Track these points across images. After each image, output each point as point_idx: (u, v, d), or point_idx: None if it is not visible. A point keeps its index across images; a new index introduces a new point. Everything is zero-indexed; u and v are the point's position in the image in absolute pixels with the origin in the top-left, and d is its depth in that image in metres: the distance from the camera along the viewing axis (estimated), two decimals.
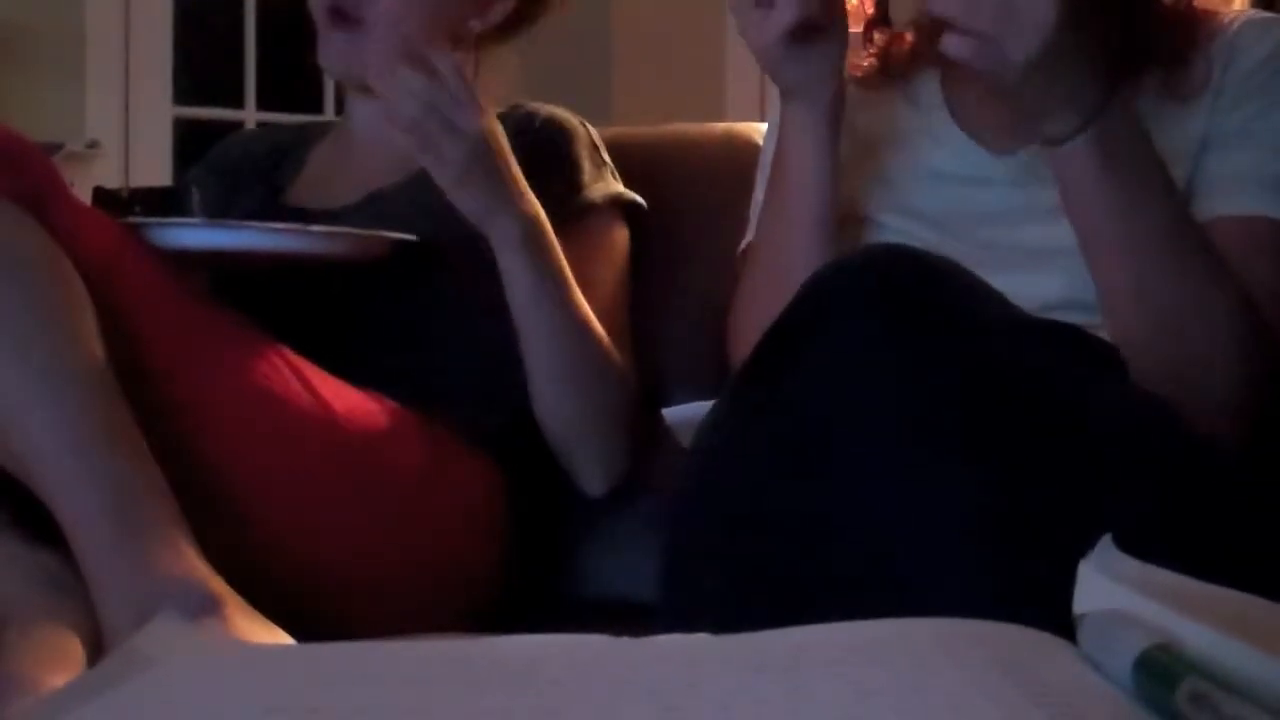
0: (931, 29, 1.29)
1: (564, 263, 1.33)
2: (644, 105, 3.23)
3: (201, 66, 3.42)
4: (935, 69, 1.30)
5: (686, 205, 1.54)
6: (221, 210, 1.49)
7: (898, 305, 0.85)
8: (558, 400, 1.36)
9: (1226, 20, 1.21)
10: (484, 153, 1.25)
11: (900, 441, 0.82)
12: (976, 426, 0.82)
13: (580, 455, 1.40)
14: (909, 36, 1.31)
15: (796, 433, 0.85)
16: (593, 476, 1.41)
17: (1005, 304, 0.92)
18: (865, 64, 1.31)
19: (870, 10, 1.32)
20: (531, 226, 1.30)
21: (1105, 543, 0.68)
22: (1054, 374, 0.87)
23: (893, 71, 1.31)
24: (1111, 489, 0.84)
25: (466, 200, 1.27)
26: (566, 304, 1.33)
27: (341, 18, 1.41)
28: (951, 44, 1.00)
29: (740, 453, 0.89)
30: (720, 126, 1.71)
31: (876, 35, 1.32)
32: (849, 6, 1.22)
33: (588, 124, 1.53)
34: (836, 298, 0.87)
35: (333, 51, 1.43)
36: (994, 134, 1.25)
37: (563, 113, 1.52)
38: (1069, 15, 0.97)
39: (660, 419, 1.24)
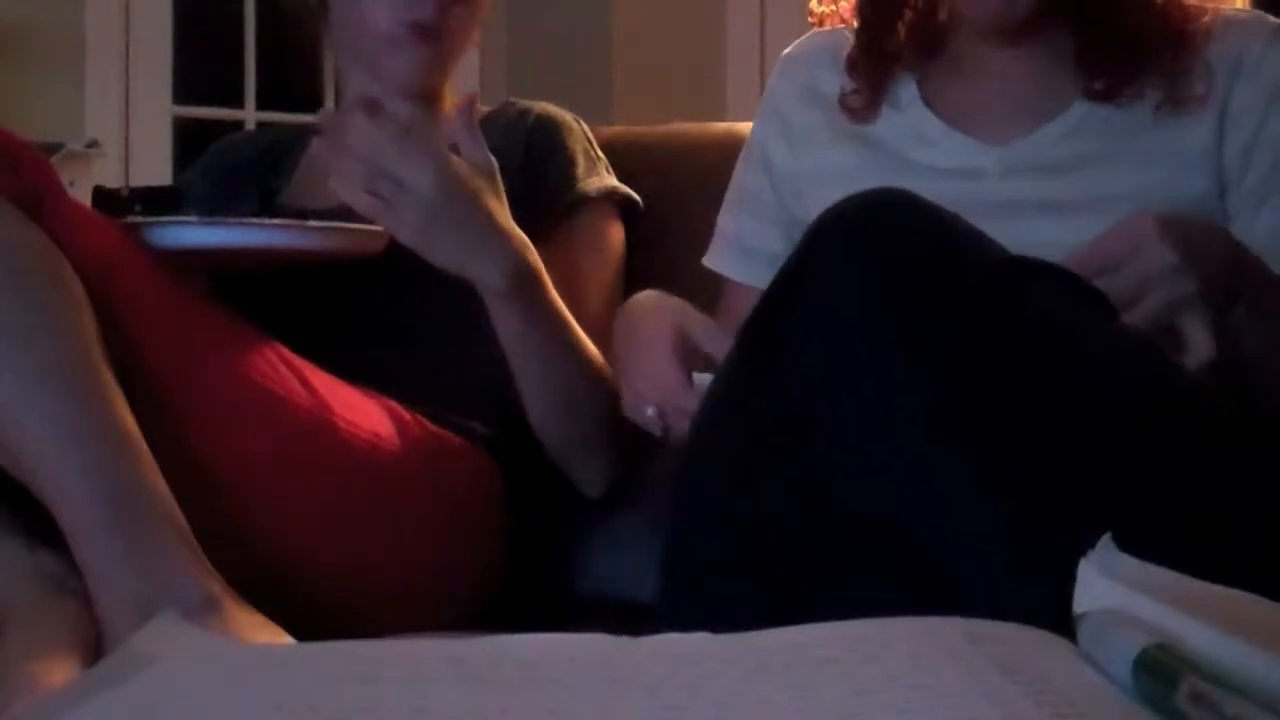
0: (908, 30, 1.29)
1: (555, 298, 1.30)
2: (645, 105, 3.22)
3: (201, 66, 3.42)
4: (912, 71, 1.30)
5: (687, 205, 1.54)
6: (217, 213, 1.48)
7: (890, 266, 0.85)
8: (553, 421, 1.35)
9: (1217, 19, 1.21)
10: (445, 204, 1.21)
11: (894, 418, 0.82)
12: (972, 397, 0.82)
13: (577, 462, 1.39)
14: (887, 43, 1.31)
15: (788, 413, 0.85)
16: (590, 480, 1.41)
17: (999, 248, 0.92)
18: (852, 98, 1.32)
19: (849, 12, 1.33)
20: (516, 273, 1.25)
21: (1105, 542, 0.68)
22: (1052, 317, 0.87)
23: (874, 81, 1.31)
24: (1112, 434, 0.84)
25: (436, 254, 1.23)
26: (557, 340, 1.31)
27: (426, 31, 1.41)
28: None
29: (733, 437, 0.89)
30: (721, 126, 1.71)
31: (863, 61, 1.31)
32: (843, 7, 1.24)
33: (581, 120, 1.53)
34: (830, 260, 0.87)
35: (417, 63, 1.42)
36: (982, 125, 1.25)
37: (555, 109, 1.52)
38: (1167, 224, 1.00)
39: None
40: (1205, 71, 1.19)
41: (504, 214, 1.27)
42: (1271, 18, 1.23)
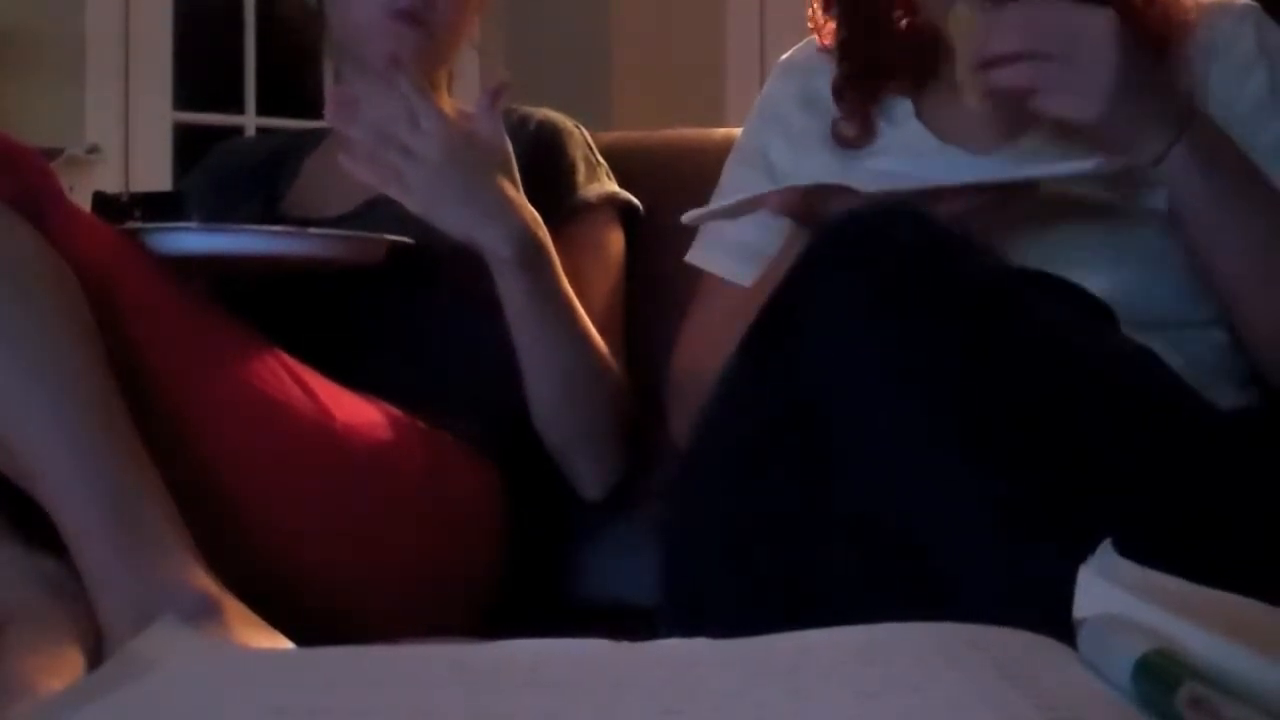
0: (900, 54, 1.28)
1: (563, 279, 1.32)
2: (644, 110, 3.22)
3: (202, 72, 3.41)
4: (904, 93, 1.30)
5: (687, 210, 1.54)
6: (218, 219, 1.48)
7: (893, 277, 0.85)
8: (555, 411, 1.35)
9: (1198, 14, 1.21)
10: (453, 172, 1.23)
11: (895, 424, 0.83)
12: (973, 403, 0.83)
13: (578, 461, 1.39)
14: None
15: (790, 418, 0.86)
16: (590, 481, 1.41)
17: (999, 258, 0.93)
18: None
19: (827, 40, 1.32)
20: (525, 244, 1.27)
21: (1105, 547, 0.68)
22: (1052, 323, 0.88)
23: (862, 109, 1.30)
24: (1111, 437, 0.85)
25: (446, 221, 1.25)
26: (564, 321, 1.31)
27: (412, 19, 1.41)
28: (1007, 76, 1.02)
29: (733, 442, 0.89)
30: (720, 131, 1.71)
31: (849, 91, 1.31)
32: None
33: (582, 127, 1.54)
34: (834, 271, 0.87)
35: (408, 47, 1.41)
36: (973, 137, 1.25)
37: (557, 115, 1.52)
38: (1128, 44, 1.00)
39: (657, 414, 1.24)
40: (1186, 66, 1.19)
41: (514, 189, 1.28)
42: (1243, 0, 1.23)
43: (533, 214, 1.29)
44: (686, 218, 1.17)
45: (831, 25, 1.30)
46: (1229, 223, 1.07)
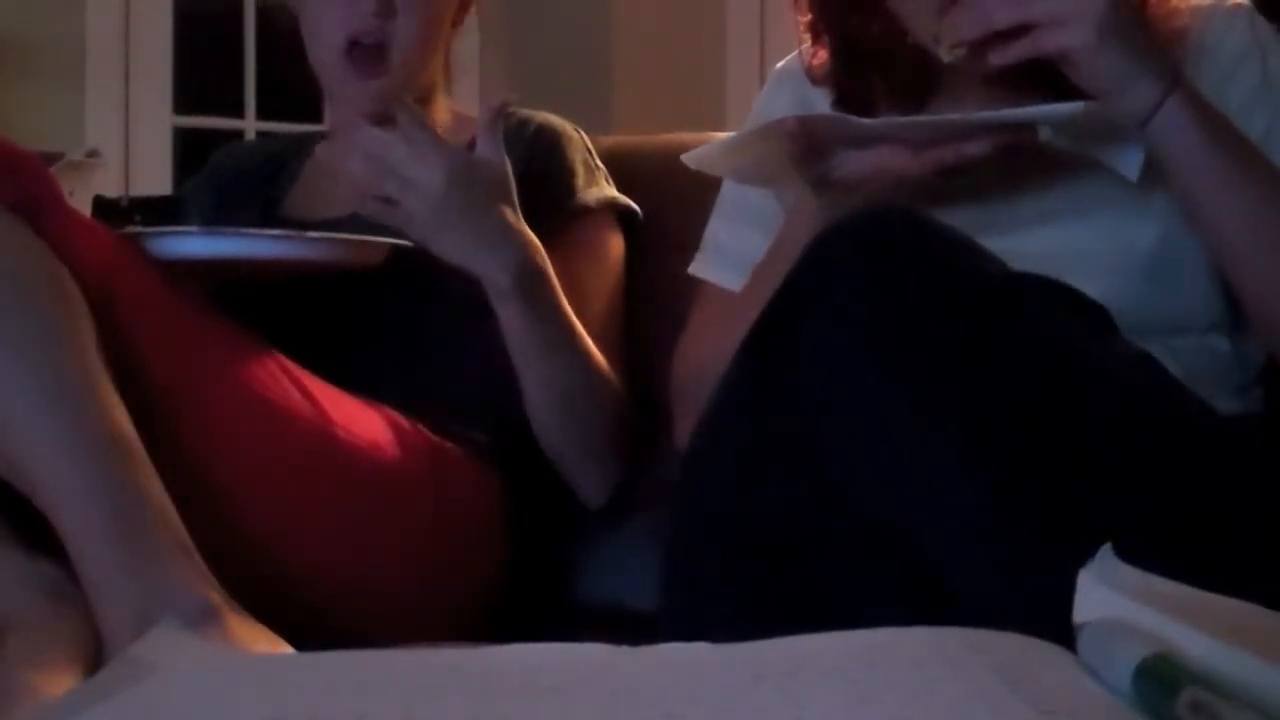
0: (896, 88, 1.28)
1: (561, 299, 1.31)
2: (644, 114, 3.23)
3: (201, 76, 3.42)
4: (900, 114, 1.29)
5: (686, 215, 1.54)
6: (218, 223, 1.48)
7: (893, 281, 0.85)
8: (554, 423, 1.35)
9: (1191, 18, 1.21)
10: (453, 201, 1.22)
11: (896, 431, 0.83)
12: (973, 408, 0.83)
13: (578, 470, 1.39)
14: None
15: (790, 424, 0.86)
16: (591, 488, 1.41)
17: (999, 263, 0.92)
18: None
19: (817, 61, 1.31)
20: (523, 272, 1.26)
21: (1105, 552, 0.68)
22: (1051, 328, 0.88)
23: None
24: (1111, 440, 0.85)
25: (445, 250, 1.25)
26: (562, 340, 1.31)
27: (365, 57, 1.40)
28: (1002, 14, 1.03)
29: (734, 447, 0.89)
30: (721, 135, 1.71)
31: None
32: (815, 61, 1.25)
33: (581, 130, 1.54)
34: (834, 274, 0.87)
35: (366, 97, 1.40)
36: None
37: (556, 119, 1.52)
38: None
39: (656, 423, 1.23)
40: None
41: (513, 214, 1.28)
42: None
43: (532, 239, 1.28)
44: (687, 157, 1.16)
45: (823, 54, 1.29)
46: (1225, 185, 1.06)
